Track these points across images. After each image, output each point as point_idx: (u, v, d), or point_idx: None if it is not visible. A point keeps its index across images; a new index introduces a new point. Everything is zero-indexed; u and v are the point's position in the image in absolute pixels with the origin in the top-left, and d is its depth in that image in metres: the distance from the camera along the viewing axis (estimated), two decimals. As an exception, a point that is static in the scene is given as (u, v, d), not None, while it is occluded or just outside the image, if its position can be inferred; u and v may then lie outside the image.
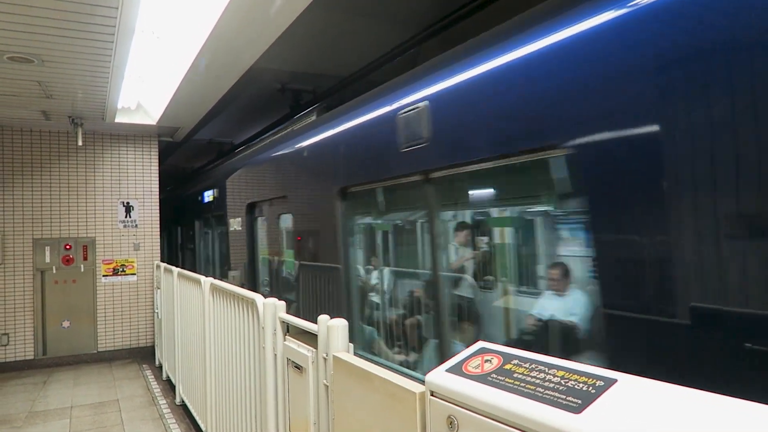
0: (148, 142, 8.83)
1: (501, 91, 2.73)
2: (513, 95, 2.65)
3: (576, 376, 1.28)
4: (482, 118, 2.88)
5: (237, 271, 7.15)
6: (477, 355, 1.54)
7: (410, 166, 3.44)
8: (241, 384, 3.51)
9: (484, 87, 2.87)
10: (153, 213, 8.77)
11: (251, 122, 9.27)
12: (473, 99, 2.95)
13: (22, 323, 7.87)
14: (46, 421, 5.65)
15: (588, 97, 2.24)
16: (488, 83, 2.84)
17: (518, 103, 2.62)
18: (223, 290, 3.90)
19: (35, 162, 8.04)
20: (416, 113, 3.35)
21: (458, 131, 3.06)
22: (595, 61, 2.22)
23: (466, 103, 3.01)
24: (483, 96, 2.87)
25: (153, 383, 6.95)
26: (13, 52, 4.75)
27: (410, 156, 3.41)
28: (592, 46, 2.24)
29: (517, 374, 1.37)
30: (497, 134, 2.75)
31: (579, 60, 2.29)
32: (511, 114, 2.66)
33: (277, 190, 5.71)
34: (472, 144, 2.92)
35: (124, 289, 8.53)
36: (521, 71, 2.62)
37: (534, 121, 2.52)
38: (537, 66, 2.53)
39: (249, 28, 4.74)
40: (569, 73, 2.33)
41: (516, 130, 2.64)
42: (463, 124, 3.02)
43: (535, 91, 2.51)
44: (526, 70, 2.59)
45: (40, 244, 8.02)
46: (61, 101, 6.49)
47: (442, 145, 3.16)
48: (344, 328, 2.19)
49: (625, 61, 2.07)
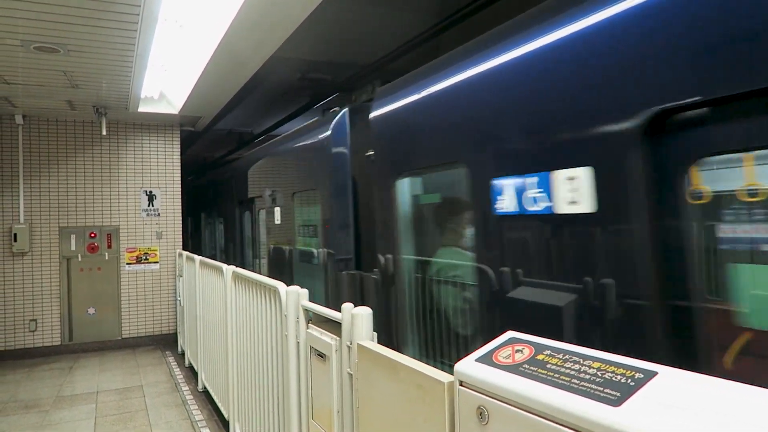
0: (170, 132, 8.90)
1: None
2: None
3: (613, 368, 1.24)
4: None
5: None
6: (507, 345, 1.51)
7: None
8: (263, 371, 3.53)
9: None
10: (175, 202, 8.86)
11: (271, 112, 9.29)
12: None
13: (49, 310, 8.05)
14: (73, 405, 5.77)
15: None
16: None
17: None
18: (245, 278, 3.91)
19: (60, 151, 8.17)
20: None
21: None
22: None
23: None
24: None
25: (176, 370, 7.05)
26: (40, 42, 4.80)
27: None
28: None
29: (550, 365, 1.33)
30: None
31: None
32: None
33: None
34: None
35: (147, 277, 8.65)
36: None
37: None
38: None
39: (271, 16, 4.71)
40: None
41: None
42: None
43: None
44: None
45: (65, 233, 8.17)
46: (86, 91, 6.57)
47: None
48: (368, 316, 2.17)
49: None
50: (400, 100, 3.54)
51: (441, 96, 3.11)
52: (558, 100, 2.29)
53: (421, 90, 3.31)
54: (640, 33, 1.97)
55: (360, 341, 2.09)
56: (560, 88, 2.29)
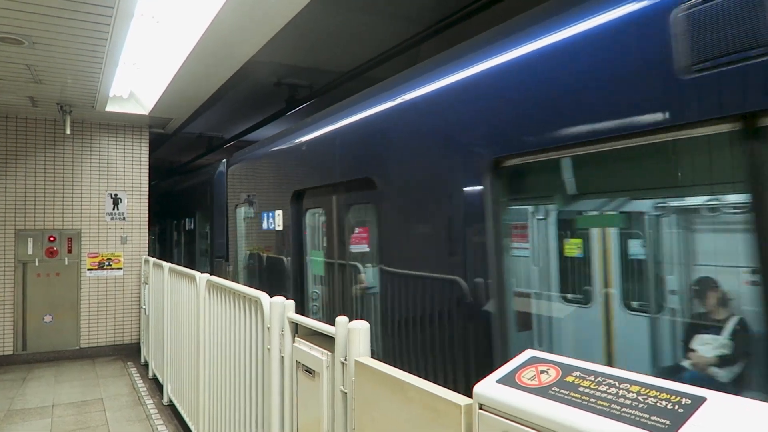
0: (139, 133, 8.57)
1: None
2: None
3: (655, 392, 1.15)
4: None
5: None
6: (529, 365, 1.41)
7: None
8: (240, 386, 3.34)
9: None
10: (142, 206, 8.51)
11: (245, 117, 9.07)
12: None
13: (1, 317, 7.57)
14: (25, 420, 5.40)
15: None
16: None
17: None
18: (222, 287, 3.72)
19: (20, 150, 7.74)
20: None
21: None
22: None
23: None
24: None
25: (138, 382, 6.71)
26: (3, 32, 4.51)
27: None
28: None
29: (583, 388, 1.24)
30: None
31: None
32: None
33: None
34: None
35: (110, 283, 8.26)
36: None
37: None
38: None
39: (250, 19, 4.56)
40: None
41: None
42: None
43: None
44: None
45: (22, 236, 7.73)
46: (51, 87, 6.24)
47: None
48: (366, 331, 2.05)
49: None
50: (239, 161, 6.51)
51: (254, 159, 6.05)
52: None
53: (249, 155, 6.25)
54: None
55: (358, 357, 1.96)
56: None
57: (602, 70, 2.03)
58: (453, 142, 2.76)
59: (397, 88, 3.38)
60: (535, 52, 2.35)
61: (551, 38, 2.28)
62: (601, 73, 2.04)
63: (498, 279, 2.45)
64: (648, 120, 1.86)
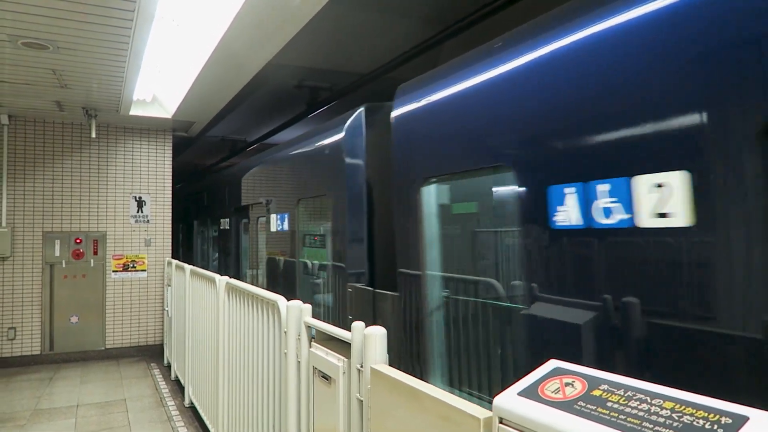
0: (162, 136, 8.67)
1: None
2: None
3: (691, 410, 1.05)
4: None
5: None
6: (554, 377, 1.32)
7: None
8: (258, 390, 3.30)
9: None
10: (165, 208, 8.60)
11: (267, 120, 9.09)
12: None
13: (29, 317, 7.73)
14: (51, 419, 5.47)
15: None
16: None
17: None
18: (241, 290, 3.70)
19: (47, 154, 7.90)
20: None
21: None
22: None
23: None
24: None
25: (161, 383, 6.76)
26: (28, 37, 4.59)
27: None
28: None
29: (611, 403, 1.15)
30: None
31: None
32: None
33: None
34: None
35: (134, 285, 8.36)
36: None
37: None
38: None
39: (271, 18, 4.55)
40: None
41: None
42: None
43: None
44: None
45: (50, 238, 7.87)
46: (76, 91, 6.34)
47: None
48: (382, 337, 1.98)
49: None
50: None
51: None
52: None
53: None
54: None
55: (374, 365, 1.89)
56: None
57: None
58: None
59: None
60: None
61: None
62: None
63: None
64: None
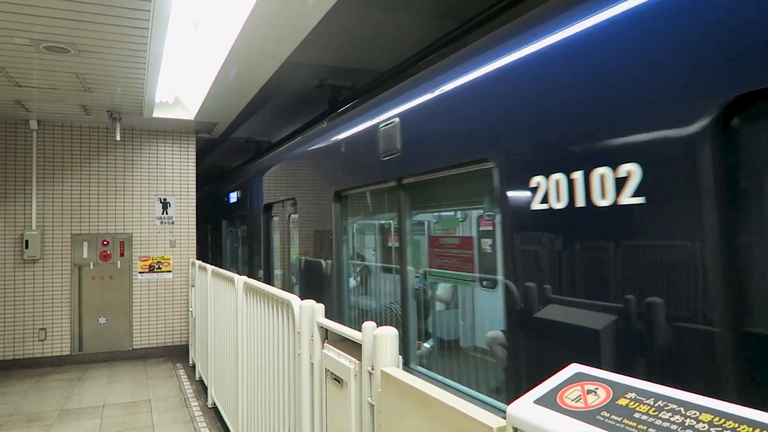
0: (186, 138, 8.74)
1: None
2: None
3: (732, 423, 0.92)
4: None
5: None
6: (574, 383, 1.19)
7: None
8: (275, 391, 3.24)
9: None
10: (189, 210, 8.67)
11: (289, 120, 9.08)
12: None
13: (59, 318, 7.87)
14: (77, 419, 5.53)
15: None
16: None
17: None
18: (257, 290, 3.64)
19: (74, 157, 8.03)
20: None
21: None
22: None
23: None
24: None
25: (186, 384, 6.79)
26: (49, 41, 4.63)
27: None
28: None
29: (639, 414, 1.02)
30: None
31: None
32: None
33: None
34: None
35: (160, 286, 8.45)
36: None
37: None
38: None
39: (285, 18, 4.49)
40: None
41: None
42: None
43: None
44: None
45: (78, 240, 8.01)
46: (100, 94, 6.41)
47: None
48: (393, 338, 1.87)
49: None
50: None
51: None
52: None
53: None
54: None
55: (384, 367, 1.79)
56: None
57: None
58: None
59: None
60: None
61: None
62: None
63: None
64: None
